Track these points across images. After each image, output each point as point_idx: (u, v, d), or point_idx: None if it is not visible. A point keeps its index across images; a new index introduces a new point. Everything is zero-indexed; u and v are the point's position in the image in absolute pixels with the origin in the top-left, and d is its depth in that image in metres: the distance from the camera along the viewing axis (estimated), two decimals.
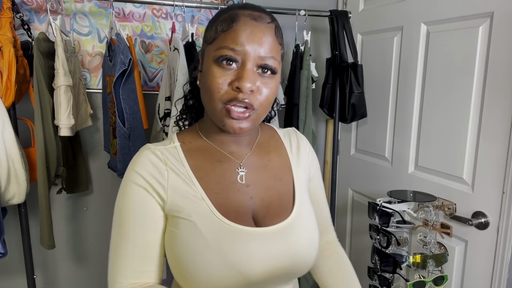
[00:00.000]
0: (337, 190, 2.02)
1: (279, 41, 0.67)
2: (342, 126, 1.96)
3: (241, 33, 0.63)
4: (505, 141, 1.16)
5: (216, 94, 0.63)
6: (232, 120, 0.63)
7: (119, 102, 1.29)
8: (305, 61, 1.54)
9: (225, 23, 0.64)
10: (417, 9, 1.45)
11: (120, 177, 1.43)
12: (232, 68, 0.63)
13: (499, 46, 1.16)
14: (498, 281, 1.21)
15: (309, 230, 0.72)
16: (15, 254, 1.57)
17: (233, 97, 0.62)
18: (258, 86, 0.64)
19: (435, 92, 1.40)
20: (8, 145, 1.17)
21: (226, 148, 0.73)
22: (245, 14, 0.64)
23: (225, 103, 0.63)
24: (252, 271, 0.64)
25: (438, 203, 1.26)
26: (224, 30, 0.64)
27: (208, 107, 0.67)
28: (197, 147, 0.73)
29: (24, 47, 1.28)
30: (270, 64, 0.64)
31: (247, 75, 0.62)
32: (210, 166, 0.70)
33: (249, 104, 0.63)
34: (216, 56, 0.63)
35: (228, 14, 0.65)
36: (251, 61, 0.63)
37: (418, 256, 1.20)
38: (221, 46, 0.63)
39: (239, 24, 0.63)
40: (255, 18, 0.64)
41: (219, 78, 0.63)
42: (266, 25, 0.65)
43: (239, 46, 0.62)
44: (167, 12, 1.66)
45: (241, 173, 0.72)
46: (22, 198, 1.24)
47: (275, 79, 0.67)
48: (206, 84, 0.65)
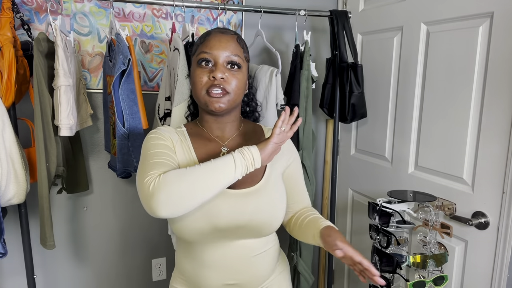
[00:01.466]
0: (337, 190, 2.02)
1: (241, 45, 0.96)
2: (342, 126, 1.96)
3: (212, 41, 0.92)
4: (505, 141, 1.16)
5: (199, 85, 0.91)
6: (212, 100, 0.90)
7: (118, 102, 1.29)
8: (305, 61, 1.53)
9: (202, 38, 0.95)
10: (417, 9, 1.45)
11: (119, 177, 1.43)
12: (208, 67, 0.91)
13: (499, 46, 1.16)
14: (498, 281, 1.21)
15: (270, 201, 0.95)
16: (15, 254, 1.57)
17: (211, 84, 0.89)
18: (228, 76, 0.91)
19: (435, 92, 1.40)
20: (8, 145, 1.17)
21: (214, 133, 1.00)
22: (215, 30, 0.95)
23: (207, 89, 0.90)
24: (220, 219, 0.89)
25: (438, 203, 1.26)
26: (201, 42, 0.94)
27: (196, 97, 0.94)
28: (195, 132, 1.01)
29: (24, 47, 1.28)
30: (235, 60, 0.92)
31: (218, 68, 0.90)
32: (203, 144, 0.98)
33: (223, 88, 0.90)
34: (197, 59, 0.93)
35: (206, 33, 0.96)
36: (220, 59, 0.91)
37: (418, 256, 1.20)
38: (199, 52, 0.92)
39: (211, 36, 0.93)
40: (222, 32, 0.94)
41: (200, 73, 0.91)
42: (230, 35, 0.94)
43: (211, 50, 0.91)
44: (167, 12, 1.66)
45: (223, 151, 0.99)
46: (22, 198, 1.23)
47: (241, 72, 0.94)
48: (193, 81, 0.93)
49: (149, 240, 1.82)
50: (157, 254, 1.85)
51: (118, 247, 1.78)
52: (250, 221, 0.91)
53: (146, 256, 1.84)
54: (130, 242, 1.79)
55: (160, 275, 1.87)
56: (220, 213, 0.89)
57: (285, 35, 1.88)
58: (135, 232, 1.79)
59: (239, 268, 0.95)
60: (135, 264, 1.82)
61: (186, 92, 1.29)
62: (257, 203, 0.92)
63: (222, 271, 0.94)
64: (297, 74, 1.55)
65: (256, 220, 0.92)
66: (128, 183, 1.73)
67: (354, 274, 1.94)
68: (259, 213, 0.92)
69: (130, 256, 1.81)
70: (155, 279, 1.87)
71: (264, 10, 1.50)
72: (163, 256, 1.87)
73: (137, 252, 1.82)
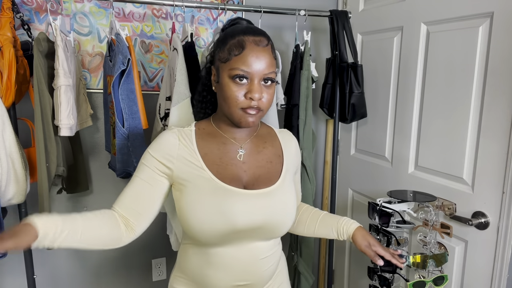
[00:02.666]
0: (337, 190, 2.02)
1: (274, 56, 0.92)
2: (342, 126, 1.96)
3: (249, 58, 0.86)
4: (505, 141, 1.16)
5: (234, 102, 0.87)
6: (246, 116, 0.88)
7: (118, 102, 1.29)
8: (305, 61, 1.54)
9: (236, 48, 0.87)
10: (417, 9, 1.45)
11: (119, 177, 1.43)
12: (244, 83, 0.86)
13: (499, 46, 1.16)
14: (498, 281, 1.21)
15: (285, 201, 0.96)
16: (15, 254, 1.57)
17: (248, 105, 0.86)
18: (264, 95, 0.88)
19: (435, 92, 1.40)
20: (8, 145, 1.17)
21: (231, 135, 0.97)
22: (249, 40, 0.87)
23: (242, 108, 0.87)
24: (238, 220, 0.88)
25: (438, 203, 1.26)
26: (236, 55, 0.86)
27: (227, 110, 0.90)
28: (208, 132, 0.97)
29: (24, 47, 1.28)
30: (270, 77, 0.88)
31: (257, 89, 0.86)
32: (216, 146, 0.95)
33: (258, 107, 0.87)
34: (232, 74, 0.86)
35: (237, 40, 0.87)
36: (257, 77, 0.86)
37: (418, 256, 1.20)
38: (234, 67, 0.86)
39: (247, 50, 0.86)
40: (257, 43, 0.87)
41: (236, 91, 0.86)
42: (265, 48, 0.88)
43: (249, 68, 0.86)
44: (167, 12, 1.66)
45: (240, 153, 0.96)
46: (22, 198, 1.23)
47: (273, 85, 0.91)
48: (225, 94, 0.88)
49: (149, 240, 1.82)
50: (157, 254, 1.85)
51: (118, 247, 1.77)
52: (266, 222, 0.92)
53: (146, 256, 1.84)
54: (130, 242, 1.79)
55: (160, 275, 1.87)
56: (238, 214, 0.89)
57: (285, 35, 1.88)
58: None
59: (248, 269, 0.96)
60: (135, 264, 1.82)
61: (184, 92, 1.29)
62: (273, 204, 0.93)
63: (233, 272, 0.95)
64: (297, 74, 1.55)
65: (272, 220, 0.93)
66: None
67: (354, 274, 1.94)
68: (275, 214, 0.93)
69: (130, 256, 1.81)
70: (155, 279, 1.87)
71: (264, 10, 1.50)
72: (163, 256, 1.86)
73: (137, 252, 1.81)
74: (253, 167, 0.96)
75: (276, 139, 1.05)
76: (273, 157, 1.00)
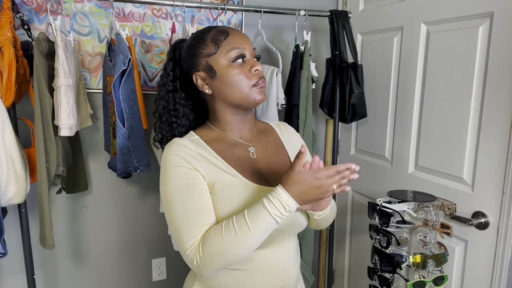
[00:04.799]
0: None
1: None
2: (342, 126, 1.96)
3: (237, 38, 0.89)
4: (505, 141, 1.16)
5: (244, 82, 0.88)
6: (259, 90, 0.89)
7: (119, 102, 1.29)
8: (305, 61, 1.54)
9: (220, 35, 0.89)
10: (417, 9, 1.45)
11: (119, 177, 1.43)
12: (243, 64, 0.89)
13: (499, 46, 1.16)
14: (498, 281, 1.21)
15: None
16: (15, 254, 1.57)
17: (257, 79, 0.89)
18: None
19: (435, 92, 1.40)
20: (8, 145, 1.17)
21: (235, 135, 0.97)
22: (221, 27, 0.91)
23: (253, 85, 0.88)
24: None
25: (438, 203, 1.26)
26: (224, 39, 0.88)
27: (237, 95, 0.89)
28: (214, 137, 0.95)
29: (24, 47, 1.28)
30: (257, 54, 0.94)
31: (253, 61, 0.90)
32: (229, 149, 0.94)
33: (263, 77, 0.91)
34: (231, 56, 0.88)
35: (215, 31, 0.90)
36: (251, 53, 0.91)
37: (418, 256, 1.20)
38: (229, 48, 0.88)
39: (231, 32, 0.90)
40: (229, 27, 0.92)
41: (240, 72, 0.88)
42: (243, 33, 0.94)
43: (241, 44, 0.89)
44: (167, 12, 1.66)
45: (251, 151, 0.97)
46: (22, 198, 1.23)
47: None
48: (231, 80, 0.88)
49: (149, 240, 1.82)
50: (157, 254, 1.85)
51: (118, 247, 1.78)
52: (299, 216, 0.93)
53: (146, 256, 1.84)
54: (130, 242, 1.79)
55: (160, 275, 1.87)
56: None
57: (285, 35, 1.87)
58: (135, 232, 1.79)
59: (286, 269, 0.95)
60: (135, 264, 1.82)
61: None
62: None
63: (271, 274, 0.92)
64: (297, 74, 1.55)
65: (301, 214, 0.94)
66: (128, 183, 1.73)
67: (354, 274, 1.94)
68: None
69: (130, 256, 1.81)
70: (155, 279, 1.87)
71: (264, 10, 1.50)
72: (163, 256, 1.86)
73: (137, 252, 1.82)
74: (268, 163, 0.96)
75: (274, 132, 1.06)
76: (278, 149, 1.02)
